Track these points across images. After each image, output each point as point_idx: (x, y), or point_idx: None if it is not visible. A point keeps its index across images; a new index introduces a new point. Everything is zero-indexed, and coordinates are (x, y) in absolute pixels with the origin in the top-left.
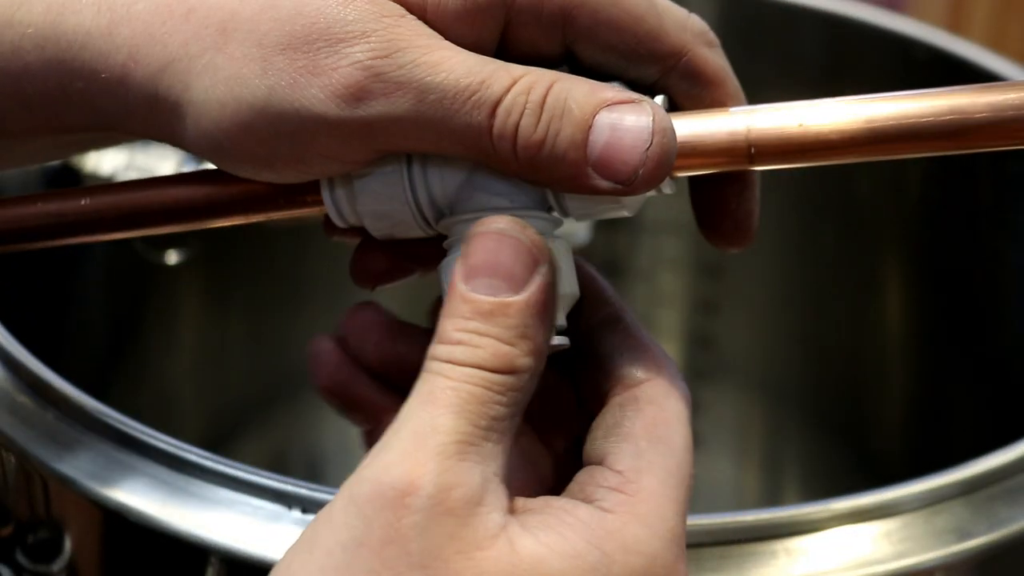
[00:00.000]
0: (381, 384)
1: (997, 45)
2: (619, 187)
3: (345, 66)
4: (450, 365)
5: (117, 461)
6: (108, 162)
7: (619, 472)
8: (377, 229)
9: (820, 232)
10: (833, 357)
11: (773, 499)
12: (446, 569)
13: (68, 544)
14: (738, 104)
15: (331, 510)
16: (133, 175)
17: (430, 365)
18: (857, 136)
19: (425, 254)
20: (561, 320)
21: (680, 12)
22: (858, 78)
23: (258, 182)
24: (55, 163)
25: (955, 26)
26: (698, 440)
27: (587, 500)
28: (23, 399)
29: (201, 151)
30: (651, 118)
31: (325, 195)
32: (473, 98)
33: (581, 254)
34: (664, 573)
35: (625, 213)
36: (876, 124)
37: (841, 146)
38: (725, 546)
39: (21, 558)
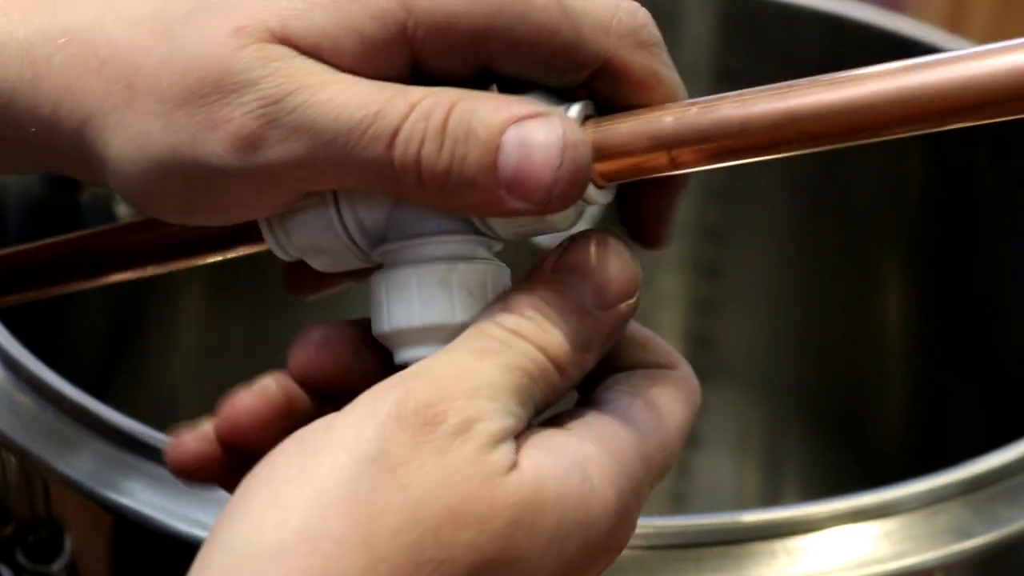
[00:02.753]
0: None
1: None
2: (535, 207)
3: (238, 116)
4: (512, 335)
5: (117, 461)
6: None
7: (607, 416)
8: (318, 264)
9: (820, 233)
10: (833, 357)
11: (773, 499)
12: (459, 489)
13: (68, 544)
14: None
15: (332, 425)
16: None
17: (488, 327)
18: (780, 130)
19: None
20: None
21: (603, 12)
22: None
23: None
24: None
25: (955, 26)
26: (698, 440)
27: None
28: (23, 399)
29: (129, 202)
30: (561, 132)
31: (266, 233)
32: (368, 132)
33: None
34: (619, 509)
35: (556, 230)
36: (798, 116)
37: (765, 140)
38: (725, 546)
39: (21, 558)
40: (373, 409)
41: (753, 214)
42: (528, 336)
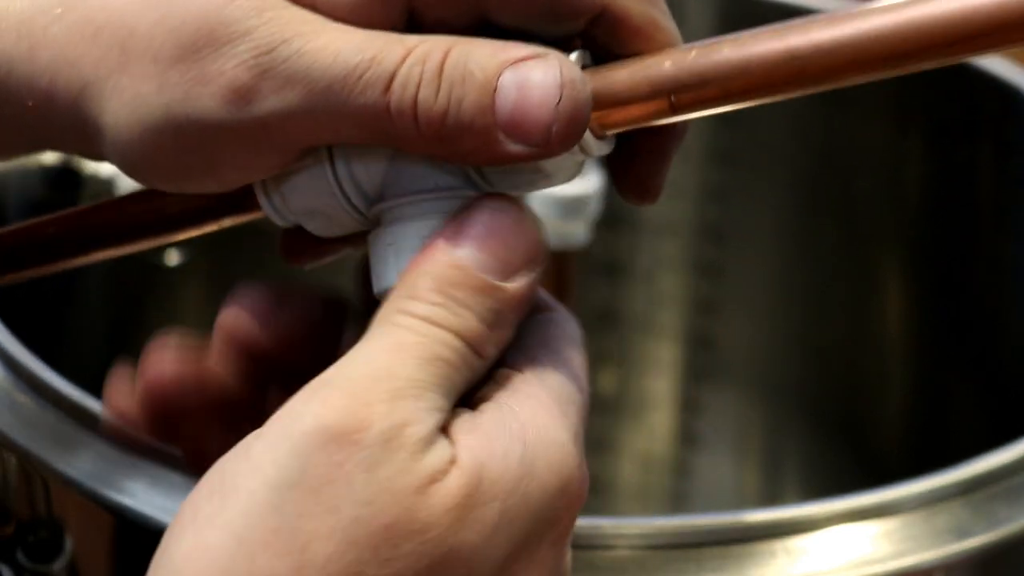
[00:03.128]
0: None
1: None
2: (534, 150)
3: (230, 69)
4: (424, 323)
5: (117, 461)
6: (107, 165)
7: (520, 372)
8: (314, 228)
9: (820, 232)
10: (833, 357)
11: (773, 499)
12: (395, 505)
13: (68, 544)
14: None
15: (248, 451)
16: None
17: (398, 318)
18: (782, 69)
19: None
20: None
21: None
22: None
23: (197, 194)
24: (55, 164)
25: None
26: (698, 440)
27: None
28: (23, 399)
29: (125, 171)
30: (558, 70)
31: (261, 199)
32: (364, 77)
33: (580, 254)
34: (573, 461)
35: (554, 183)
36: (799, 54)
37: (765, 81)
38: (725, 546)
39: (21, 558)
40: (288, 427)
41: (753, 214)
42: (441, 323)
